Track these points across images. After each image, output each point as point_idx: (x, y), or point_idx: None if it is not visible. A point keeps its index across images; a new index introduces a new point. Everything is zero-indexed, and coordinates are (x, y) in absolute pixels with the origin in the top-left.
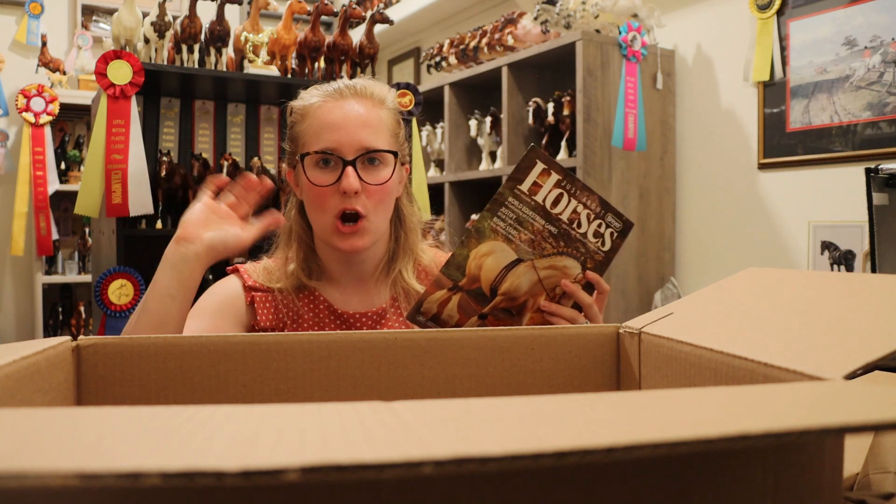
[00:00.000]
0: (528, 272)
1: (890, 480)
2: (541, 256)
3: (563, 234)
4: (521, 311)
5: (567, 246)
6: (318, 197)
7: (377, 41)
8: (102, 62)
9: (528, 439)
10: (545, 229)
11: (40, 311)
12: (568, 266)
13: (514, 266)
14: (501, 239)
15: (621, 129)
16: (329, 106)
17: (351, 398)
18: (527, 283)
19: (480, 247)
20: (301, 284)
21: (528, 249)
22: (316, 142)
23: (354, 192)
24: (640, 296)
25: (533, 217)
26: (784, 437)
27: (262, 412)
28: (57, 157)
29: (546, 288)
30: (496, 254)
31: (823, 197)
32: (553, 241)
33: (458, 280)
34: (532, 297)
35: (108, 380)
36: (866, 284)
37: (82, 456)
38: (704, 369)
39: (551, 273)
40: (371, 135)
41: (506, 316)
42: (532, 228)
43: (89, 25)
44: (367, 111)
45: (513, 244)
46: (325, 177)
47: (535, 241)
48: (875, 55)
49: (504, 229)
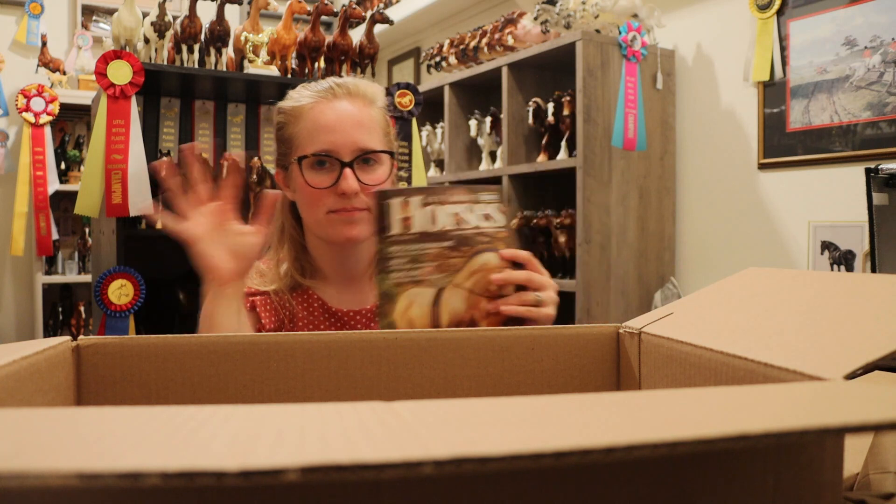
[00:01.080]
0: (456, 292)
1: (890, 480)
2: (455, 273)
3: (459, 240)
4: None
5: (471, 247)
6: (314, 197)
7: (377, 41)
8: (102, 62)
9: (528, 439)
10: (442, 249)
11: (40, 311)
12: (486, 261)
13: (438, 298)
14: (411, 286)
15: (621, 129)
16: (322, 107)
17: (351, 398)
18: (461, 303)
19: (398, 306)
20: (295, 284)
21: (440, 276)
22: (311, 144)
23: (353, 194)
24: (640, 296)
25: (423, 248)
26: (784, 437)
27: (262, 412)
28: (57, 157)
29: (481, 293)
30: (416, 301)
31: (823, 197)
32: (457, 253)
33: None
34: (474, 310)
35: (108, 380)
36: (866, 284)
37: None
38: (704, 369)
39: (476, 278)
40: (366, 135)
41: None
42: (430, 256)
43: (89, 25)
44: (360, 111)
45: (424, 282)
46: (322, 178)
47: (441, 266)
48: (875, 55)
49: (406, 276)
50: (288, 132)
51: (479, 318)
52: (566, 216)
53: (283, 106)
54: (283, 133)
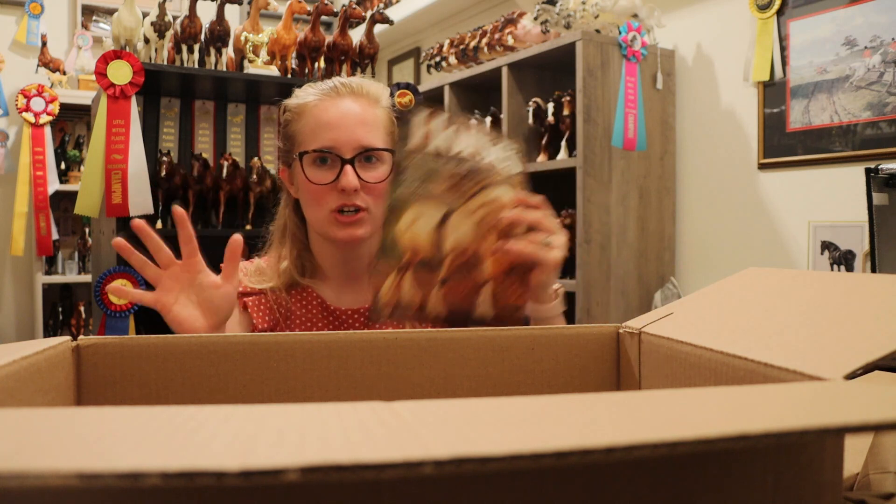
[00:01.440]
0: (464, 220)
1: (890, 480)
2: (467, 199)
3: (475, 169)
4: (478, 261)
5: (486, 178)
6: (315, 194)
7: (377, 41)
8: (102, 62)
9: (528, 439)
10: (456, 172)
11: (40, 311)
12: (498, 195)
13: (446, 220)
14: (420, 201)
15: (621, 129)
16: (326, 104)
17: (351, 398)
18: (468, 231)
19: (403, 218)
20: (293, 282)
21: (451, 198)
22: (313, 140)
23: (354, 190)
24: (640, 296)
25: (437, 166)
26: (784, 437)
27: (262, 412)
28: (57, 157)
29: (489, 226)
30: (423, 217)
31: (823, 197)
32: (471, 181)
33: (398, 261)
34: (481, 242)
35: (108, 380)
36: (866, 284)
37: (82, 456)
38: (704, 369)
39: (487, 210)
40: (368, 133)
41: (465, 271)
42: (443, 176)
43: (89, 25)
44: (364, 110)
45: (433, 200)
46: (324, 175)
47: (453, 187)
48: (875, 55)
49: (416, 191)
50: (291, 129)
51: (484, 253)
52: (566, 216)
53: (288, 103)
54: (288, 130)
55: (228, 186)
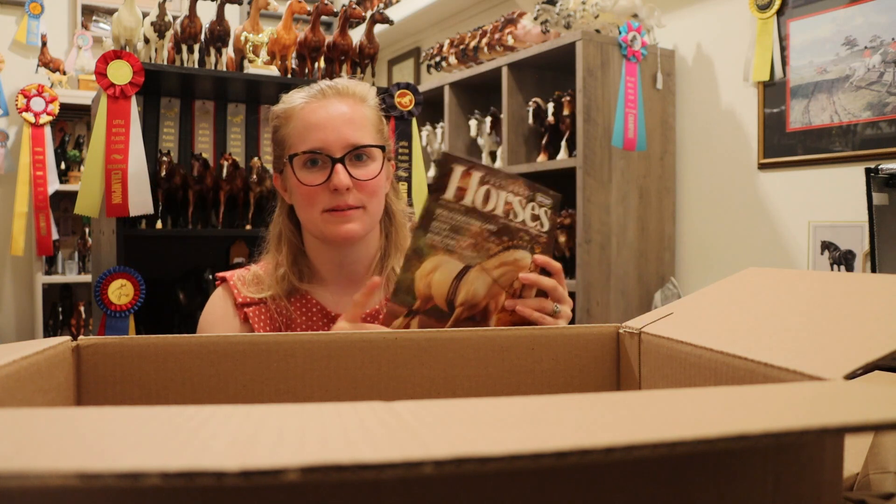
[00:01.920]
0: (481, 276)
1: (890, 480)
2: (488, 257)
3: (502, 228)
4: (485, 316)
5: (511, 239)
6: (308, 196)
7: (377, 41)
8: (102, 62)
9: (528, 439)
10: (483, 230)
11: (40, 311)
12: (519, 258)
13: (464, 274)
14: (442, 252)
15: (621, 129)
16: (312, 106)
17: (351, 398)
18: (483, 288)
19: (424, 265)
20: (292, 288)
21: (472, 255)
22: (302, 142)
23: (346, 189)
24: (640, 296)
25: (468, 222)
26: (784, 437)
27: (262, 412)
28: (57, 157)
29: (503, 286)
30: (442, 267)
31: (823, 197)
32: (496, 239)
33: (410, 304)
34: (492, 300)
35: (108, 380)
36: (866, 284)
37: (82, 456)
38: (704, 369)
39: (504, 270)
40: (356, 131)
41: (471, 325)
42: (470, 233)
43: (89, 25)
44: (351, 109)
45: (456, 254)
46: (315, 176)
47: (477, 245)
48: (875, 55)
49: (442, 242)
50: (280, 134)
51: (494, 309)
52: (566, 216)
53: (276, 109)
54: (277, 136)
55: (228, 186)
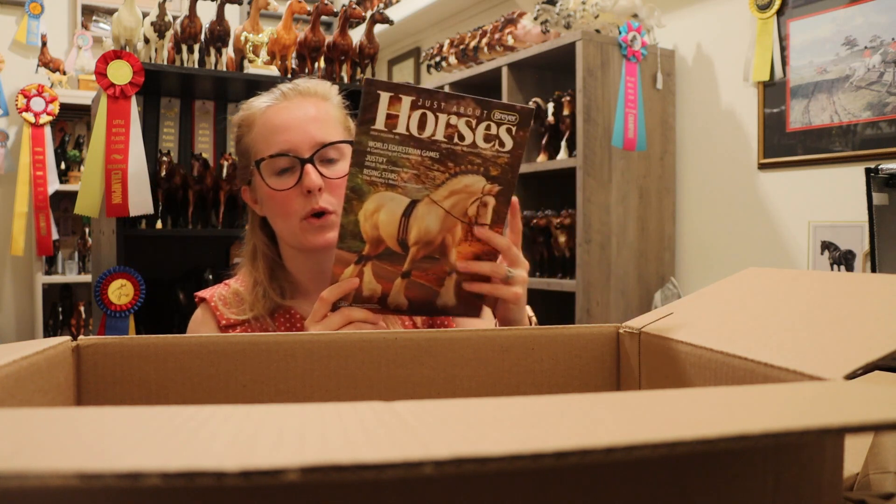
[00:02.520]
0: (431, 209)
1: (890, 480)
2: (435, 188)
3: (446, 154)
4: (444, 251)
5: (457, 164)
6: (281, 203)
7: (377, 41)
8: (102, 62)
9: (528, 439)
10: (424, 158)
11: (40, 311)
12: (469, 184)
13: (412, 210)
14: (383, 188)
15: (621, 129)
16: (274, 110)
17: (351, 398)
18: (435, 222)
19: (366, 205)
20: (275, 305)
21: (417, 187)
22: (268, 147)
23: (318, 189)
24: (640, 296)
25: (405, 151)
26: (784, 437)
27: (262, 412)
28: (57, 157)
29: (458, 216)
30: (387, 206)
31: (823, 197)
32: (440, 167)
33: (360, 250)
34: (447, 233)
35: (108, 380)
36: (866, 284)
37: (82, 456)
38: (704, 369)
39: (456, 199)
40: (322, 129)
41: (430, 264)
42: (410, 163)
43: (89, 25)
44: (315, 108)
45: (398, 188)
46: (285, 181)
47: (419, 176)
48: (875, 55)
49: (381, 177)
50: (244, 142)
51: (451, 243)
52: (566, 216)
53: (236, 118)
54: (241, 145)
55: (228, 186)
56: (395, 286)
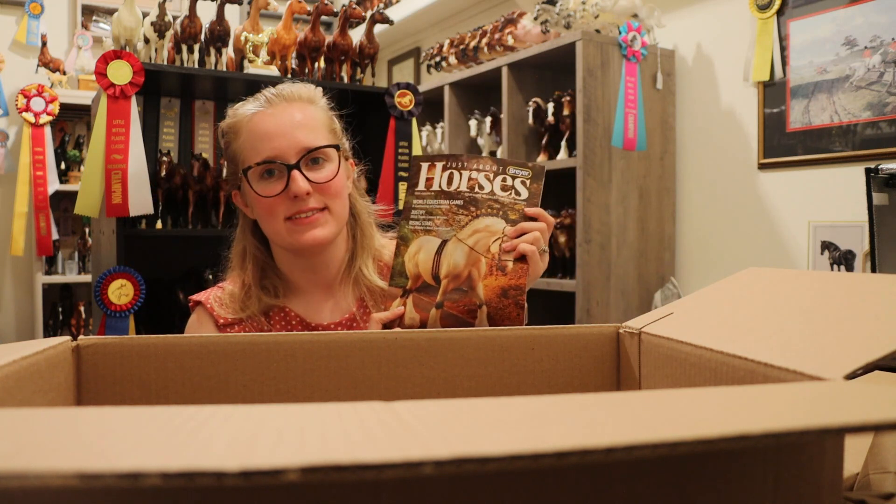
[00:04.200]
0: (458, 246)
1: (890, 480)
2: (460, 228)
3: (469, 201)
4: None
5: (479, 208)
6: (269, 208)
7: (377, 41)
8: (102, 62)
9: (528, 439)
10: (452, 206)
11: (40, 311)
12: (489, 224)
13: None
14: (422, 233)
15: (621, 129)
16: (260, 117)
17: (351, 398)
18: (461, 257)
19: (410, 248)
20: (269, 305)
21: (447, 229)
22: (255, 154)
23: (306, 194)
24: (640, 296)
25: (438, 203)
26: (784, 437)
27: (262, 412)
28: (57, 157)
29: (481, 251)
30: (425, 247)
31: (823, 197)
32: (464, 211)
33: (404, 285)
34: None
35: (108, 380)
36: (866, 284)
37: (82, 456)
38: (704, 369)
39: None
40: (308, 134)
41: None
42: (441, 212)
43: (89, 25)
44: (300, 113)
45: (433, 232)
46: (272, 186)
47: (448, 220)
48: (875, 55)
49: (421, 225)
50: (232, 149)
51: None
52: (566, 216)
53: (223, 125)
54: (229, 151)
55: (228, 186)
56: (431, 316)
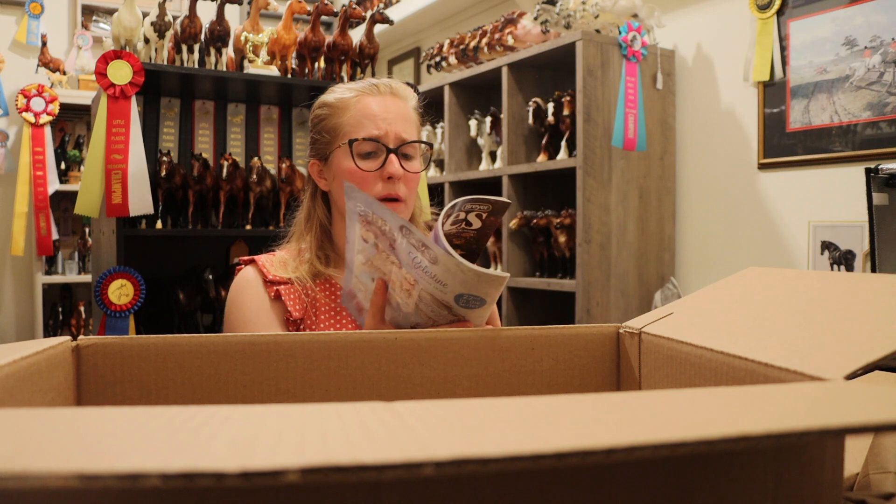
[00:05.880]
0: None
1: (890, 480)
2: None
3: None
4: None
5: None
6: (359, 181)
7: (377, 41)
8: (102, 62)
9: (529, 440)
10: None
11: (40, 311)
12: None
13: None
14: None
15: (621, 129)
16: (368, 100)
17: (351, 398)
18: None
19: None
20: (317, 272)
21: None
22: (361, 130)
23: (399, 178)
24: (640, 296)
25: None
26: (785, 437)
27: (262, 412)
28: (57, 157)
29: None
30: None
31: (823, 197)
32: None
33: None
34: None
35: (108, 380)
36: (866, 284)
37: (82, 456)
38: (704, 369)
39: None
40: (408, 128)
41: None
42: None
43: (89, 25)
44: (403, 106)
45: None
46: (369, 163)
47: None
48: (875, 55)
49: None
50: (331, 123)
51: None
52: (566, 216)
53: (327, 99)
54: (326, 124)
55: (228, 186)
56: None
